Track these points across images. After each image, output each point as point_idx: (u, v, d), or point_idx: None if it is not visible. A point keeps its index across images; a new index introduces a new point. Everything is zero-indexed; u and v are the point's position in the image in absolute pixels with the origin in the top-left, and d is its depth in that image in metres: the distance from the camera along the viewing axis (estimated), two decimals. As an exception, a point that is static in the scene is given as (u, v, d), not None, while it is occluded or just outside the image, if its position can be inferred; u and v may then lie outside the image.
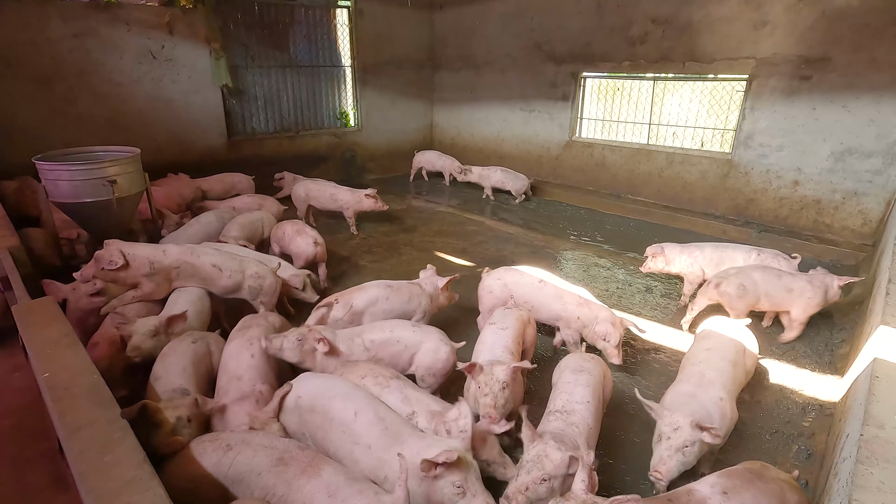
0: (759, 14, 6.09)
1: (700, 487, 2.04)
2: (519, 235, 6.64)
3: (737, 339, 3.12)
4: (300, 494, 1.96)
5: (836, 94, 5.74)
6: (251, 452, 2.11)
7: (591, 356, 2.96)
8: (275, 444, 2.16)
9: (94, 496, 1.56)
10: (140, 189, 4.81)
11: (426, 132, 11.07)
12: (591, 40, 7.86)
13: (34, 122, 6.48)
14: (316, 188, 6.43)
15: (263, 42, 8.33)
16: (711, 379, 2.69)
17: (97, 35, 6.73)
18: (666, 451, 2.28)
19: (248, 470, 2.07)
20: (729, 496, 1.96)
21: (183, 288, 3.64)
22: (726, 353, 2.93)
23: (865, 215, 5.84)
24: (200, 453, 2.15)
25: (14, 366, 3.11)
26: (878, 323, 2.69)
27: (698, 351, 3.03)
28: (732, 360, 2.89)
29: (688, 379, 2.75)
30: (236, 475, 2.07)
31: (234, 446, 2.15)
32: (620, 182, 8.05)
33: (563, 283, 3.82)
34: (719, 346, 3.02)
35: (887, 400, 2.01)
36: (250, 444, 2.16)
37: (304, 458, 2.09)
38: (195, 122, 7.81)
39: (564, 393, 2.60)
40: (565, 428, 2.35)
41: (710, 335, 3.19)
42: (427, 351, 3.03)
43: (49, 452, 2.46)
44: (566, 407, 2.49)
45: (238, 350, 2.87)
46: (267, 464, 2.06)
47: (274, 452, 2.10)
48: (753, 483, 2.04)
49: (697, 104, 7.59)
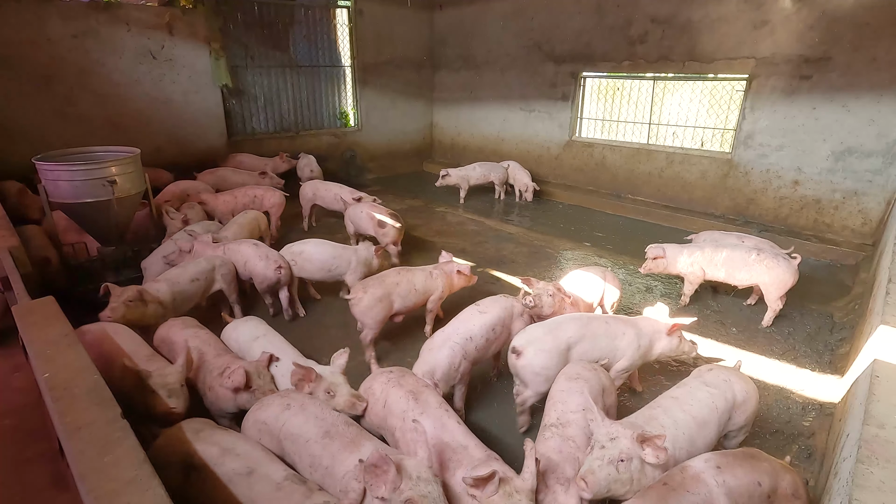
0: (759, 13, 6.09)
1: (694, 463, 2.07)
2: (519, 235, 6.64)
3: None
4: (342, 467, 2.13)
5: (836, 93, 5.74)
6: (303, 418, 2.33)
7: (592, 365, 2.81)
8: (325, 416, 2.35)
9: (94, 496, 1.55)
10: (140, 189, 4.80)
11: (426, 132, 11.07)
12: (591, 40, 7.86)
13: (34, 122, 6.48)
14: (323, 188, 6.50)
15: (263, 42, 8.33)
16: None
17: (97, 35, 6.73)
18: (597, 462, 2.03)
19: (299, 434, 2.28)
20: (722, 470, 2.00)
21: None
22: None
23: (865, 215, 5.84)
24: (267, 403, 2.45)
25: (14, 366, 3.11)
26: (878, 323, 2.69)
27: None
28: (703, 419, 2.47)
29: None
30: (288, 433, 2.30)
31: (292, 407, 2.39)
32: (620, 182, 8.05)
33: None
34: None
35: (887, 399, 2.01)
36: (306, 409, 2.37)
37: (348, 434, 2.27)
38: (195, 122, 7.82)
39: (559, 403, 2.47)
40: (562, 445, 2.23)
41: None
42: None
43: (49, 453, 2.45)
44: (561, 418, 2.37)
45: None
46: (315, 433, 2.26)
47: (323, 424, 2.30)
48: (748, 461, 2.08)
49: (697, 104, 7.59)
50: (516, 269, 5.44)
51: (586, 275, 3.86)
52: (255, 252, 4.19)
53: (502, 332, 3.27)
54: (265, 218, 5.55)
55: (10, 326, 2.83)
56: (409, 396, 2.46)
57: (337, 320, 4.36)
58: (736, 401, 2.51)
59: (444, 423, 2.32)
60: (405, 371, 2.74)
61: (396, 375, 2.64)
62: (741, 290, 4.79)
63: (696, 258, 4.46)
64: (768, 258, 4.19)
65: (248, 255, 4.20)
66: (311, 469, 2.20)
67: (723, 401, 2.47)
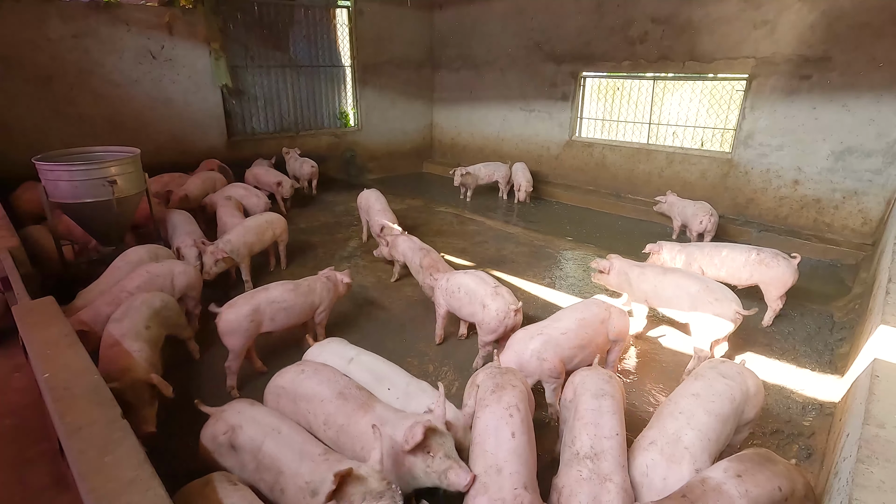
0: (759, 13, 6.09)
1: (713, 474, 1.97)
2: (519, 235, 6.64)
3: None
4: (357, 426, 2.30)
5: (836, 93, 5.74)
6: (317, 381, 2.52)
7: (609, 374, 2.65)
8: (337, 379, 2.54)
9: (94, 496, 1.55)
10: (140, 189, 4.80)
11: (426, 132, 11.07)
12: (591, 40, 7.85)
13: (34, 122, 6.48)
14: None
15: (263, 42, 8.33)
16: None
17: (97, 35, 6.73)
18: None
19: (314, 394, 2.47)
20: (743, 479, 1.92)
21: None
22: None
23: (865, 214, 5.84)
24: (283, 372, 2.66)
25: (14, 366, 3.11)
26: (878, 323, 2.69)
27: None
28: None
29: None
30: (303, 393, 2.49)
31: (306, 372, 2.59)
32: (620, 182, 8.05)
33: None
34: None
35: (887, 399, 2.01)
36: (319, 373, 2.57)
37: (360, 396, 2.46)
38: (195, 122, 7.82)
39: (590, 425, 2.28)
40: (598, 490, 2.00)
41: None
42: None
43: (49, 453, 2.46)
44: (595, 447, 2.17)
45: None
46: (329, 394, 2.44)
47: (336, 386, 2.49)
48: (765, 465, 2.01)
49: (697, 104, 7.59)
50: (516, 269, 5.44)
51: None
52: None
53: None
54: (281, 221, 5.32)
55: (11, 326, 2.83)
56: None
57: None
58: (749, 393, 2.50)
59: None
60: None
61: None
62: (740, 291, 4.78)
63: (694, 258, 4.46)
64: (768, 258, 4.19)
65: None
66: (326, 427, 2.38)
67: (739, 392, 2.46)
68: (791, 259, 4.21)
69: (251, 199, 6.07)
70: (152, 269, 3.75)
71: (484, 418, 2.27)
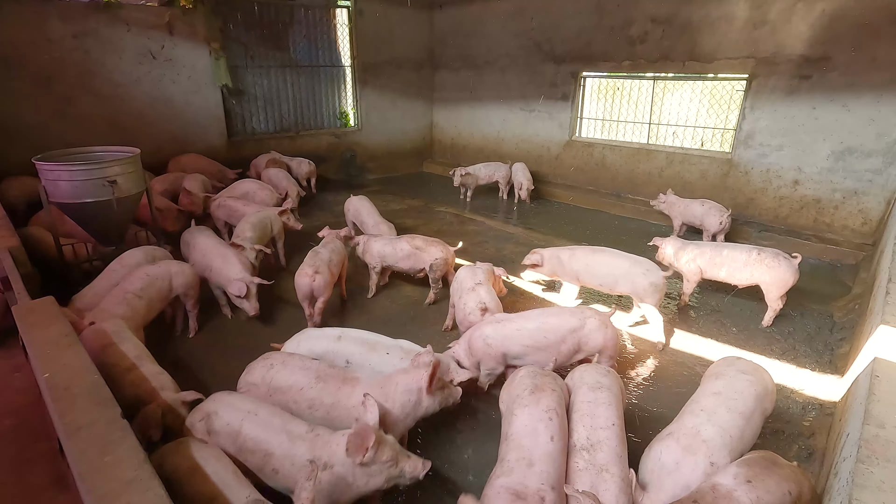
0: (759, 13, 6.09)
1: (723, 480, 1.95)
2: (519, 235, 6.64)
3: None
4: (350, 400, 2.44)
5: (836, 93, 5.74)
6: (289, 371, 2.61)
7: (607, 369, 2.72)
8: (309, 366, 2.66)
9: (94, 496, 1.55)
10: (140, 189, 4.80)
11: (426, 132, 11.07)
12: (591, 40, 7.85)
13: (34, 122, 6.47)
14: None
15: (263, 42, 8.33)
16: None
17: (97, 35, 6.73)
18: None
19: (291, 384, 2.56)
20: (754, 485, 1.90)
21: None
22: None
23: (865, 214, 5.84)
24: (250, 369, 2.74)
25: (14, 366, 3.11)
26: (878, 323, 2.69)
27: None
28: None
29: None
30: (276, 386, 2.59)
31: (275, 366, 2.68)
32: (620, 182, 8.05)
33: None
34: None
35: (887, 399, 2.01)
36: (288, 364, 2.66)
37: (336, 374, 2.60)
38: (195, 122, 7.82)
39: (586, 416, 2.30)
40: (595, 480, 2.03)
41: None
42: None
43: (49, 453, 2.45)
44: (591, 438, 2.20)
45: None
46: (307, 381, 2.55)
47: (310, 372, 2.60)
48: (773, 469, 1.99)
49: (697, 104, 7.59)
50: (517, 270, 5.43)
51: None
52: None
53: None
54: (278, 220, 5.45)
55: (11, 326, 2.83)
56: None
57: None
58: (768, 388, 2.51)
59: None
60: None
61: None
62: (740, 291, 4.78)
63: (695, 257, 4.45)
64: (769, 257, 4.18)
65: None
66: (312, 409, 2.48)
67: (761, 387, 2.46)
68: (792, 259, 4.20)
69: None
70: (151, 270, 3.77)
71: (522, 417, 2.27)
